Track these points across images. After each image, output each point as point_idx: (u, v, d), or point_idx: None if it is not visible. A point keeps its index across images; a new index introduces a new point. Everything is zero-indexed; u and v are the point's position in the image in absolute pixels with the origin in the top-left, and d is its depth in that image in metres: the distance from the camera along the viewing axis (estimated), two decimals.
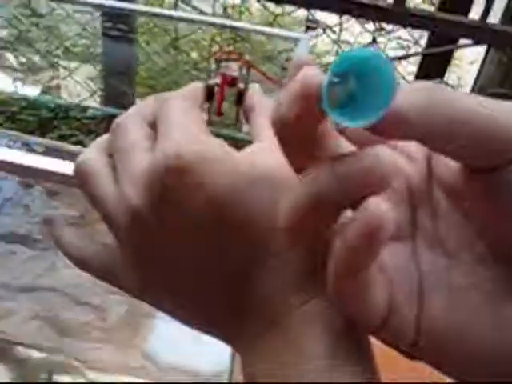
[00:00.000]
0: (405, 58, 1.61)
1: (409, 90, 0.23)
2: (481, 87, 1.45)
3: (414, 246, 0.28)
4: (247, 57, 0.44)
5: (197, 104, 0.34)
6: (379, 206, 0.21)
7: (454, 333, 0.26)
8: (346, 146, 0.26)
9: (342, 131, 0.29)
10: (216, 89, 0.40)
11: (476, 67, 1.55)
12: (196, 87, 0.37)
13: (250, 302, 0.30)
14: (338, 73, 0.21)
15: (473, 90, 1.49)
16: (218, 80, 0.40)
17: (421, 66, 1.50)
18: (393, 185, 0.28)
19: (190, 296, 0.32)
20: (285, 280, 0.29)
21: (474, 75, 1.57)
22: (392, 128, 0.22)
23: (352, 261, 0.23)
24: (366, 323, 0.26)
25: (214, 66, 0.42)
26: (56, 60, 2.08)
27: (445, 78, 1.55)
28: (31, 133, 1.73)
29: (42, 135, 1.67)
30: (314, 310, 0.28)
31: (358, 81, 0.21)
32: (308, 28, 1.19)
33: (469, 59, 2.05)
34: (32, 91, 2.12)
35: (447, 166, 0.27)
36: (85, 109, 1.66)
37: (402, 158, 0.29)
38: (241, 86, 0.41)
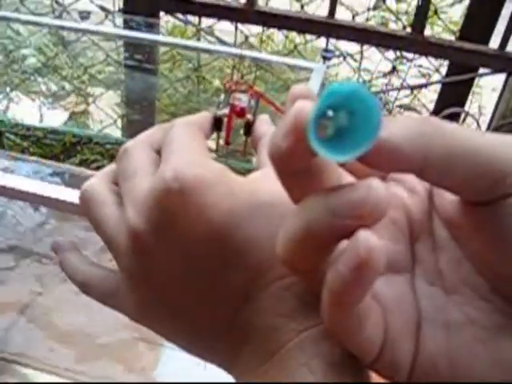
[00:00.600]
0: (425, 86, 1.61)
1: (402, 122, 0.23)
2: (501, 116, 1.44)
3: (413, 279, 0.28)
4: (261, 87, 0.44)
5: (201, 131, 0.35)
6: (368, 238, 0.21)
7: (451, 369, 0.26)
8: (348, 180, 0.27)
9: (342, 164, 0.29)
10: (225, 119, 0.41)
11: (497, 96, 1.55)
12: (204, 115, 0.38)
13: (248, 330, 0.30)
14: (326, 107, 0.21)
15: (492, 119, 1.48)
16: (226, 111, 0.41)
17: (441, 95, 1.49)
18: (392, 216, 0.29)
19: (187, 322, 0.32)
20: (284, 308, 0.29)
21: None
22: (382, 159, 0.23)
23: (344, 293, 0.23)
24: (361, 355, 0.26)
25: (223, 96, 0.43)
26: (81, 86, 2.12)
27: (466, 107, 1.54)
28: (55, 157, 1.76)
29: (66, 160, 1.70)
30: (312, 338, 0.28)
31: (347, 114, 0.22)
32: (324, 58, 1.20)
33: (490, 88, 2.04)
34: (58, 117, 2.17)
35: (447, 198, 0.27)
36: (108, 135, 1.69)
37: (403, 190, 0.29)
38: (249, 116, 0.41)
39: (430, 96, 1.86)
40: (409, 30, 1.22)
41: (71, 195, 0.39)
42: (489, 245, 0.25)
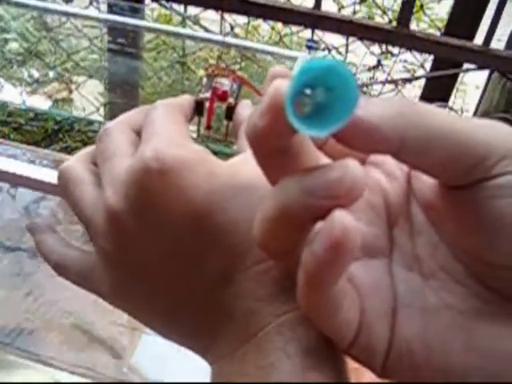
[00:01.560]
0: (409, 81, 1.61)
1: (381, 103, 0.23)
2: (484, 112, 1.46)
3: (390, 264, 0.28)
4: (242, 73, 0.44)
5: (182, 113, 0.35)
6: (343, 218, 0.21)
7: (427, 354, 0.26)
8: (326, 162, 0.26)
9: (320, 146, 0.29)
10: (206, 103, 0.40)
11: (480, 93, 1.56)
12: (185, 98, 0.38)
13: (226, 313, 0.29)
14: (303, 84, 0.21)
15: (475, 115, 1.49)
16: (208, 94, 0.40)
17: (425, 90, 1.50)
18: (370, 200, 0.28)
19: (163, 304, 0.32)
20: (262, 292, 0.29)
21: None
22: (359, 138, 0.22)
23: (319, 274, 0.22)
24: (336, 339, 0.26)
25: (205, 80, 0.42)
26: (64, 74, 2.10)
27: (450, 103, 1.55)
28: (36, 144, 1.74)
29: (47, 147, 1.69)
30: (289, 322, 0.27)
31: (324, 91, 0.21)
32: (310, 48, 1.20)
33: (474, 85, 2.05)
34: (40, 104, 2.15)
35: (425, 182, 0.27)
36: (90, 122, 1.68)
37: (381, 174, 0.29)
38: (231, 101, 0.41)
39: (414, 91, 1.87)
40: (394, 24, 1.22)
41: (49, 175, 0.39)
42: (465, 229, 0.25)
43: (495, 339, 0.25)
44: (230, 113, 0.40)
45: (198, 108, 0.39)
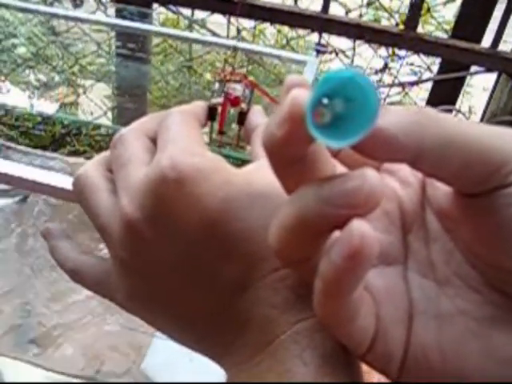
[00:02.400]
0: (416, 83, 1.61)
1: (397, 112, 0.23)
2: (491, 114, 1.45)
3: (405, 271, 0.28)
4: (252, 78, 0.44)
5: (196, 120, 0.35)
6: (361, 227, 0.21)
7: (442, 360, 0.26)
8: (342, 171, 0.26)
9: (335, 155, 0.29)
10: (219, 108, 0.40)
11: (488, 95, 1.55)
12: (198, 105, 0.38)
13: (241, 321, 0.29)
14: (323, 94, 0.21)
15: (483, 117, 1.49)
16: (220, 100, 0.41)
17: (432, 93, 1.50)
18: (385, 208, 0.29)
19: (179, 312, 0.32)
20: (278, 300, 0.29)
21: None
22: (377, 148, 0.22)
23: (337, 282, 0.22)
24: (353, 346, 0.26)
25: (217, 85, 0.43)
26: (72, 78, 2.11)
27: (457, 105, 1.55)
28: (44, 147, 1.74)
29: (55, 150, 1.69)
30: (305, 330, 0.28)
31: (344, 101, 0.21)
32: (318, 52, 1.20)
33: (481, 87, 2.05)
34: (47, 107, 2.15)
35: (440, 190, 0.27)
36: (98, 126, 1.68)
37: (396, 182, 0.29)
38: (243, 106, 0.41)
39: (421, 94, 1.87)
40: (401, 27, 1.22)
41: (65, 181, 0.39)
42: (480, 236, 0.25)
43: (510, 346, 0.25)
44: (242, 118, 0.41)
45: (211, 113, 0.40)
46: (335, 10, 1.41)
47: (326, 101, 0.21)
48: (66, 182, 0.39)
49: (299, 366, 0.26)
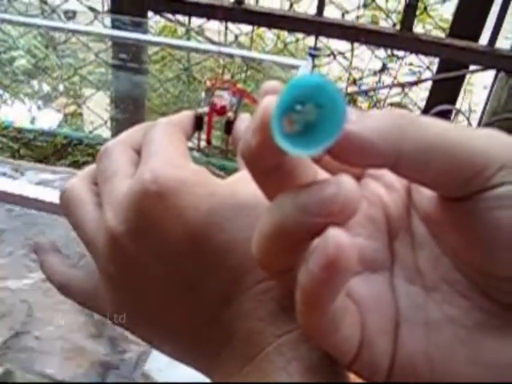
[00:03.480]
0: (415, 84, 1.61)
1: (375, 116, 0.23)
2: (491, 112, 1.45)
3: (392, 277, 0.27)
4: (252, 86, 0.44)
5: (181, 130, 0.35)
6: (337, 235, 0.21)
7: (430, 368, 0.25)
8: (324, 177, 0.26)
9: (318, 161, 0.29)
10: (205, 118, 0.40)
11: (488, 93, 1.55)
12: (185, 115, 0.38)
13: (227, 333, 0.29)
14: (291, 101, 0.21)
15: (483, 115, 1.48)
16: (207, 109, 0.40)
17: (432, 92, 1.50)
18: (370, 214, 0.28)
19: (165, 325, 0.31)
20: (263, 312, 0.28)
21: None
22: (352, 153, 0.22)
23: (316, 293, 0.22)
24: (338, 356, 0.26)
25: (203, 94, 0.42)
26: (72, 88, 2.12)
27: (457, 104, 1.55)
28: (46, 159, 1.76)
29: (56, 161, 1.70)
30: (290, 342, 0.27)
31: (314, 108, 0.21)
32: (312, 55, 1.19)
33: (482, 85, 2.04)
34: (49, 118, 2.16)
35: (425, 195, 0.27)
36: (98, 136, 1.69)
37: (381, 187, 0.29)
38: (230, 114, 0.41)
39: (421, 94, 1.87)
40: (398, 27, 1.22)
41: (52, 195, 0.39)
42: (465, 240, 0.24)
43: (499, 352, 0.25)
44: (229, 127, 0.40)
45: (198, 123, 0.39)
46: (333, 13, 1.41)
47: (299, 107, 0.21)
48: (53, 196, 0.39)
49: (284, 379, 0.26)
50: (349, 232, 0.21)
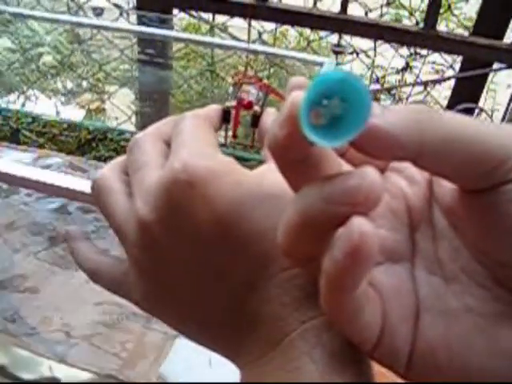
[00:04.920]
0: (438, 82, 1.60)
1: (398, 111, 0.23)
2: None
3: (413, 268, 0.28)
4: (275, 83, 0.45)
5: (210, 123, 0.36)
6: (361, 224, 0.22)
7: (449, 357, 0.26)
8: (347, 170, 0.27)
9: (342, 155, 0.30)
10: (233, 111, 0.41)
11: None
12: (213, 108, 0.39)
13: (253, 319, 0.30)
14: (317, 95, 0.22)
15: (505, 114, 1.47)
16: (234, 103, 0.41)
17: (454, 91, 1.49)
18: (392, 206, 0.29)
19: (193, 311, 0.32)
20: (288, 298, 0.29)
21: None
22: (375, 146, 0.23)
23: (339, 279, 0.23)
24: (359, 343, 0.26)
25: (231, 89, 0.43)
26: (96, 84, 2.15)
27: (480, 103, 1.53)
28: (71, 153, 1.78)
29: (81, 156, 1.72)
30: (314, 328, 0.28)
31: (340, 102, 0.22)
32: (335, 53, 1.20)
33: (505, 84, 2.02)
34: (74, 114, 2.19)
35: (446, 187, 0.27)
36: (122, 132, 1.70)
37: (403, 180, 0.30)
38: (257, 109, 0.42)
39: (444, 93, 1.85)
40: (422, 25, 1.21)
41: (84, 185, 0.40)
42: (485, 232, 0.25)
43: None
44: (255, 121, 0.41)
45: (226, 116, 0.40)
46: (356, 11, 1.41)
47: (325, 102, 0.22)
48: (84, 186, 0.40)
49: (308, 364, 0.27)
50: (372, 223, 0.22)
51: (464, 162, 0.23)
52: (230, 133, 0.43)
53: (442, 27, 1.33)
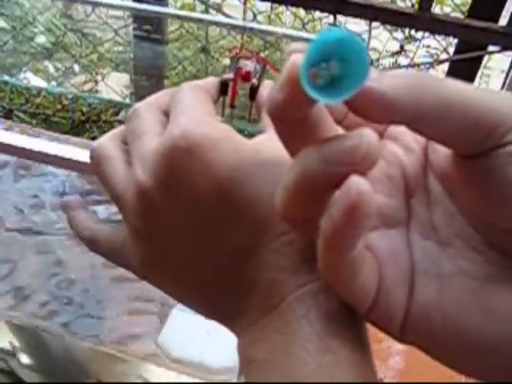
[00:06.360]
0: (432, 65, 1.60)
1: (396, 75, 0.24)
2: None
3: (408, 233, 0.29)
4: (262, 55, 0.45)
5: (207, 94, 0.36)
6: (359, 182, 0.22)
7: (443, 318, 0.26)
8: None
9: (339, 121, 0.30)
10: (230, 83, 0.41)
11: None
12: (210, 80, 0.39)
13: (250, 284, 0.31)
14: (316, 54, 0.22)
15: None
16: (231, 75, 0.42)
17: (449, 74, 1.49)
18: (388, 173, 0.29)
19: (191, 276, 0.33)
20: (285, 263, 0.30)
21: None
22: (372, 107, 0.23)
23: (337, 237, 0.23)
24: (355, 304, 0.27)
25: (229, 62, 0.44)
26: (90, 65, 2.13)
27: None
28: (65, 134, 1.77)
29: (75, 137, 1.72)
30: (311, 291, 0.29)
31: (338, 62, 0.22)
32: None
33: (499, 69, 2.02)
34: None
35: (440, 153, 0.28)
36: (116, 113, 1.70)
37: (399, 148, 0.30)
38: (254, 81, 0.42)
39: (438, 76, 1.85)
40: (417, 7, 1.21)
41: (81, 154, 0.41)
42: (478, 196, 0.25)
43: (509, 302, 0.26)
44: (253, 93, 0.42)
45: (223, 89, 0.41)
46: None
47: (324, 64, 0.22)
48: (82, 155, 0.40)
49: (305, 326, 0.27)
50: (369, 183, 0.22)
51: (459, 127, 0.24)
52: (227, 105, 0.43)
53: (437, 10, 1.33)
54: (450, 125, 0.24)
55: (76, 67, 2.23)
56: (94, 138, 1.74)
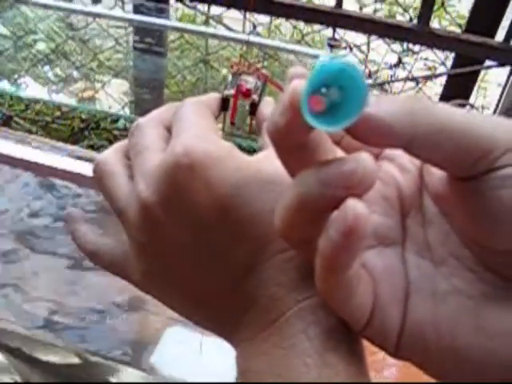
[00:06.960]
0: (430, 78, 1.61)
1: (391, 100, 0.25)
2: (505, 109, 1.45)
3: (403, 251, 0.29)
4: (266, 71, 0.46)
5: (209, 110, 0.37)
6: (355, 205, 0.23)
7: (437, 336, 0.27)
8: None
9: (337, 142, 0.31)
10: (231, 100, 0.42)
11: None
12: (212, 96, 0.39)
13: (250, 299, 0.31)
14: (318, 82, 0.23)
15: (495, 112, 1.48)
16: (232, 91, 0.42)
17: (446, 88, 1.50)
18: (384, 193, 0.30)
19: (192, 291, 0.33)
20: (284, 279, 0.30)
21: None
22: (370, 133, 0.24)
23: (335, 258, 0.24)
24: (352, 322, 0.27)
25: (230, 78, 0.44)
26: (90, 73, 2.14)
27: (471, 100, 1.54)
28: (63, 141, 1.78)
29: (73, 144, 1.72)
30: (309, 307, 0.29)
31: (338, 90, 0.23)
32: (331, 46, 1.21)
33: (496, 83, 2.04)
34: (66, 102, 2.18)
35: (435, 175, 0.28)
36: (115, 120, 1.71)
37: (395, 168, 0.31)
38: (255, 97, 0.43)
39: (435, 89, 1.87)
40: (415, 22, 1.23)
41: (86, 168, 0.41)
42: (472, 217, 0.26)
43: (501, 320, 0.26)
44: (253, 109, 0.42)
45: (224, 104, 0.41)
46: (350, 5, 1.42)
47: (324, 90, 0.23)
48: (85, 169, 0.41)
49: (303, 341, 0.28)
50: (365, 206, 0.23)
51: (453, 151, 0.24)
52: (228, 119, 0.43)
53: (435, 24, 1.34)
54: (444, 149, 0.24)
55: (76, 74, 2.24)
56: (92, 146, 1.75)
